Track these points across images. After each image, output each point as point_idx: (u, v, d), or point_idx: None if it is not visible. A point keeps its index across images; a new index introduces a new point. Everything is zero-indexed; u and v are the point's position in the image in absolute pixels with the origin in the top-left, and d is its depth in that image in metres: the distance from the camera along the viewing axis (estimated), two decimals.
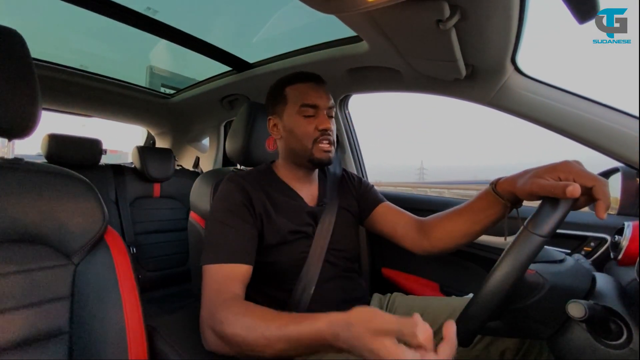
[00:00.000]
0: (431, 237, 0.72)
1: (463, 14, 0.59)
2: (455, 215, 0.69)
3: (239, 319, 0.49)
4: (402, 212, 0.80)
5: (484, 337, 0.64)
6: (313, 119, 0.71)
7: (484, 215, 0.63)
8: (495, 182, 0.60)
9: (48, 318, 0.47)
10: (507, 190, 0.57)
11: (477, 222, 0.65)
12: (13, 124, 0.49)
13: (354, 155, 1.37)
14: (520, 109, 0.83)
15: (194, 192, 0.91)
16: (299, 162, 0.75)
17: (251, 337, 0.46)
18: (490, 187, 0.61)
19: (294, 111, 0.71)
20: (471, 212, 0.66)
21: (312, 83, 0.73)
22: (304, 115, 0.71)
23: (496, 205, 0.60)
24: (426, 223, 0.74)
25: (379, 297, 0.81)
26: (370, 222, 0.83)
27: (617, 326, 0.41)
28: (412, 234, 0.75)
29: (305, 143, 0.71)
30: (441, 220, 0.71)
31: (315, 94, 0.71)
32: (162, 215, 1.64)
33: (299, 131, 0.71)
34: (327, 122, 0.71)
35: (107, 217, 0.55)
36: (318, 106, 0.71)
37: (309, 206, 0.75)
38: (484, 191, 0.63)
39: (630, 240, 0.60)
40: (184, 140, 2.08)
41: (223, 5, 1.11)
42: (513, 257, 0.42)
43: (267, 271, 0.69)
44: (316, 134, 0.70)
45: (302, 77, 0.73)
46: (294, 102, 0.71)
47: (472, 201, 0.66)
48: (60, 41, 1.31)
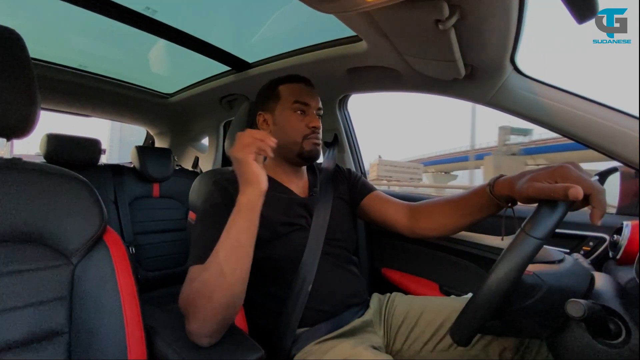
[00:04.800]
0: (421, 225, 0.75)
1: (462, 14, 0.59)
2: (448, 207, 0.71)
3: (192, 282, 0.55)
4: (392, 199, 0.83)
5: (483, 336, 0.64)
6: (304, 117, 0.75)
7: (478, 212, 0.65)
8: (492, 183, 0.60)
9: (47, 318, 0.47)
10: (504, 193, 0.57)
11: (469, 217, 0.67)
12: (12, 123, 0.49)
13: (354, 155, 1.37)
14: (519, 109, 0.83)
15: (193, 192, 0.91)
16: (287, 157, 0.77)
17: (206, 275, 0.52)
18: (487, 188, 0.61)
19: (286, 107, 0.75)
20: (465, 207, 0.67)
21: (304, 85, 0.78)
22: (295, 112, 0.75)
23: (491, 204, 0.61)
24: (417, 210, 0.77)
25: (379, 297, 0.81)
26: (362, 211, 0.85)
27: (616, 325, 0.41)
28: (402, 220, 0.78)
29: (296, 138, 0.74)
30: (432, 210, 0.74)
31: (307, 94, 0.76)
32: (162, 215, 1.63)
33: (290, 126, 0.74)
34: (317, 121, 0.75)
35: (106, 217, 0.55)
36: (309, 105, 0.76)
37: (300, 197, 0.76)
38: (480, 188, 0.63)
39: (629, 240, 0.60)
40: (183, 140, 2.07)
41: (222, 5, 1.11)
42: (510, 260, 0.42)
43: (265, 267, 0.69)
44: (306, 131, 0.74)
45: (295, 78, 0.79)
46: (286, 99, 0.76)
47: (466, 196, 0.67)
48: (59, 41, 1.30)
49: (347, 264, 0.76)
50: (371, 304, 0.77)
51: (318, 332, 0.66)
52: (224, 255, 0.52)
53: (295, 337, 0.66)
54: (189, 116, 1.90)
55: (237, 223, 0.54)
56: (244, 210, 0.54)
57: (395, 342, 0.74)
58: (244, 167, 0.55)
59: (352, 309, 0.72)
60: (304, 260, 0.69)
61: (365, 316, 0.73)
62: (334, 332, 0.67)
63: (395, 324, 0.75)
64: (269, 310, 0.69)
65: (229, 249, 0.53)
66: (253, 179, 0.55)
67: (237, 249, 0.53)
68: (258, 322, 0.71)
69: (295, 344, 0.65)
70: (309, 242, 0.70)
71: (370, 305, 0.77)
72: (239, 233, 0.53)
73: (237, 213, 0.55)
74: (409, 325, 0.73)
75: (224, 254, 0.52)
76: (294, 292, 0.67)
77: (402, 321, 0.74)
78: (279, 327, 0.66)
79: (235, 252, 0.53)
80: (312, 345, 0.65)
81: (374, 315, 0.75)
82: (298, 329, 0.66)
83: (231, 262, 0.52)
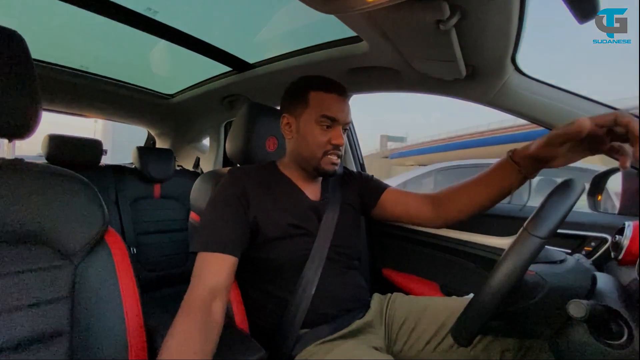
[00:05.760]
0: (448, 209, 0.75)
1: (463, 14, 0.59)
2: (472, 186, 0.72)
3: (176, 327, 0.50)
4: (410, 193, 0.83)
5: (485, 337, 0.64)
6: (328, 131, 0.71)
7: (500, 186, 0.67)
8: (512, 151, 0.63)
9: (48, 318, 0.47)
10: (524, 155, 0.60)
11: (496, 192, 0.68)
12: (13, 124, 0.49)
13: (354, 155, 1.38)
14: (520, 109, 0.83)
15: (194, 193, 0.91)
16: (304, 167, 0.75)
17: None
18: (507, 156, 0.64)
19: (312, 118, 0.70)
20: (487, 183, 0.69)
21: (337, 95, 0.71)
22: (321, 125, 0.70)
23: (512, 174, 0.63)
24: (439, 197, 0.77)
25: (380, 298, 0.81)
26: (380, 210, 0.84)
27: (618, 326, 0.41)
28: (425, 210, 0.78)
29: (316, 152, 0.71)
30: (457, 192, 0.75)
31: (337, 108, 0.70)
32: (163, 216, 1.64)
33: (312, 139, 0.71)
34: (341, 138, 0.71)
35: (108, 218, 0.55)
36: (337, 120, 0.70)
37: (311, 200, 0.75)
38: (500, 162, 0.66)
39: (631, 240, 0.60)
40: (184, 141, 2.07)
41: (223, 6, 1.11)
42: (512, 259, 0.42)
43: (269, 268, 0.69)
44: (328, 147, 0.71)
45: (329, 87, 0.72)
46: (315, 109, 0.70)
47: (488, 172, 0.69)
48: (60, 42, 1.31)
49: (350, 270, 0.76)
50: (372, 305, 0.77)
51: (319, 333, 0.66)
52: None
53: (296, 338, 0.66)
54: (190, 117, 1.90)
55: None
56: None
57: (396, 342, 0.74)
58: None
59: (353, 312, 0.72)
60: (308, 264, 0.68)
61: (366, 317, 0.73)
62: (336, 334, 0.67)
63: (396, 325, 0.75)
64: (271, 312, 0.69)
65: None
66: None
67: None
68: (259, 322, 0.71)
69: (296, 344, 0.65)
70: (314, 247, 0.70)
71: (371, 306, 0.76)
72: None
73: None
74: (410, 326, 0.73)
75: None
76: (296, 295, 0.67)
77: (403, 322, 0.74)
78: (280, 328, 0.66)
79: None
80: (314, 346, 0.65)
81: (375, 316, 0.75)
82: (299, 330, 0.66)
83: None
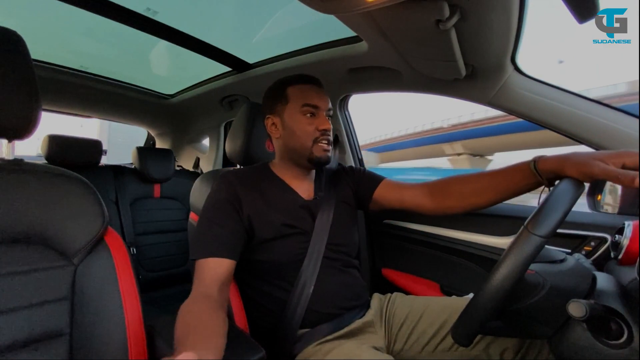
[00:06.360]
0: (449, 205, 0.73)
1: (463, 14, 0.59)
2: (481, 185, 0.70)
3: (183, 314, 0.50)
4: (405, 183, 0.82)
5: (485, 337, 0.64)
6: (313, 119, 0.73)
7: (516, 189, 0.65)
8: (537, 160, 0.60)
9: (48, 319, 0.47)
10: (550, 170, 0.57)
11: (505, 194, 0.66)
12: (13, 124, 0.49)
13: (354, 155, 1.37)
14: (520, 109, 0.83)
15: (194, 193, 0.91)
16: (297, 161, 0.75)
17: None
18: (531, 165, 0.61)
19: (295, 110, 0.73)
20: (503, 185, 0.66)
21: (313, 85, 0.75)
22: (305, 115, 0.73)
23: (531, 180, 0.61)
24: (440, 189, 0.76)
25: (380, 298, 0.81)
26: (376, 202, 0.83)
27: (618, 326, 0.41)
28: (422, 200, 0.77)
29: (306, 142, 0.72)
30: (462, 189, 0.72)
31: (317, 95, 0.74)
32: (163, 216, 1.64)
33: (300, 130, 0.72)
34: (327, 123, 0.73)
35: (107, 218, 0.55)
36: (319, 107, 0.73)
37: (304, 199, 0.75)
38: (522, 164, 0.63)
39: (631, 240, 0.60)
40: (184, 141, 2.07)
41: (223, 6, 1.11)
42: (513, 258, 0.42)
43: (266, 269, 0.69)
44: (316, 134, 0.72)
45: (304, 79, 0.76)
46: (295, 101, 0.73)
47: (506, 173, 0.66)
48: (60, 42, 1.31)
49: (348, 268, 0.76)
50: (372, 305, 0.77)
51: (319, 333, 0.66)
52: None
53: (296, 337, 0.66)
54: (190, 117, 1.90)
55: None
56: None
57: (396, 342, 0.74)
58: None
59: (353, 311, 0.72)
60: (305, 264, 0.69)
61: (366, 317, 0.73)
62: (335, 333, 0.67)
63: (396, 325, 0.75)
64: (270, 312, 0.69)
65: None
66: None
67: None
68: (259, 322, 0.71)
69: (296, 344, 0.65)
70: (310, 246, 0.70)
71: (371, 306, 0.76)
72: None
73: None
74: (410, 326, 0.73)
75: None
76: (294, 295, 0.67)
77: (403, 321, 0.74)
78: (280, 328, 0.66)
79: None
80: (314, 346, 0.65)
81: (375, 316, 0.75)
82: (299, 329, 0.66)
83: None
